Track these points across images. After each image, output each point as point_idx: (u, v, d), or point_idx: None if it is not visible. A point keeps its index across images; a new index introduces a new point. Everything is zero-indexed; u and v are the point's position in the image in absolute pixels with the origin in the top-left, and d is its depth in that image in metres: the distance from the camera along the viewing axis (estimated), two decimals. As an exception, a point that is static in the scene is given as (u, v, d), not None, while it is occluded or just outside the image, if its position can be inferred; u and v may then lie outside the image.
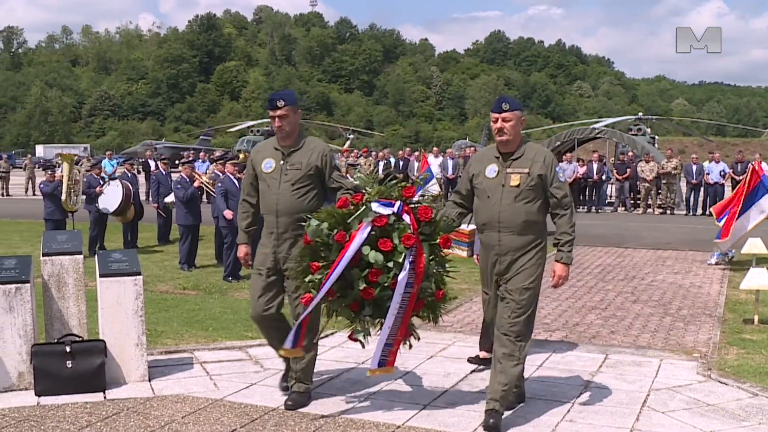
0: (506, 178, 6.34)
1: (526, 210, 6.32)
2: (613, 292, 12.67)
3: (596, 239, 19.99)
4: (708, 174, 28.15)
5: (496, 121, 6.37)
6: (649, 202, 29.39)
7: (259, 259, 6.94)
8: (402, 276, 5.89)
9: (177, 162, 32.25)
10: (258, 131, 57.45)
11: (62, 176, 17.00)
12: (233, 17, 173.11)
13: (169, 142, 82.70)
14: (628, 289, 12.88)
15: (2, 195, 39.84)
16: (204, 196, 17.93)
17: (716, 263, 15.42)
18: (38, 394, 7.17)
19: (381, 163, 32.47)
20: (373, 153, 38.13)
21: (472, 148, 27.72)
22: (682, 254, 17.33)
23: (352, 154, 37.98)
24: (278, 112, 6.76)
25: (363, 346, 6.37)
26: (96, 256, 8.09)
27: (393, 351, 6.23)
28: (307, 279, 6.15)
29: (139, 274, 7.52)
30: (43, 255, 7.87)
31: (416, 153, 35.06)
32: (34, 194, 38.01)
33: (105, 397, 7.14)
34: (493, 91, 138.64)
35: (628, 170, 29.88)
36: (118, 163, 36.51)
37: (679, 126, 70.49)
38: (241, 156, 26.37)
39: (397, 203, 6.10)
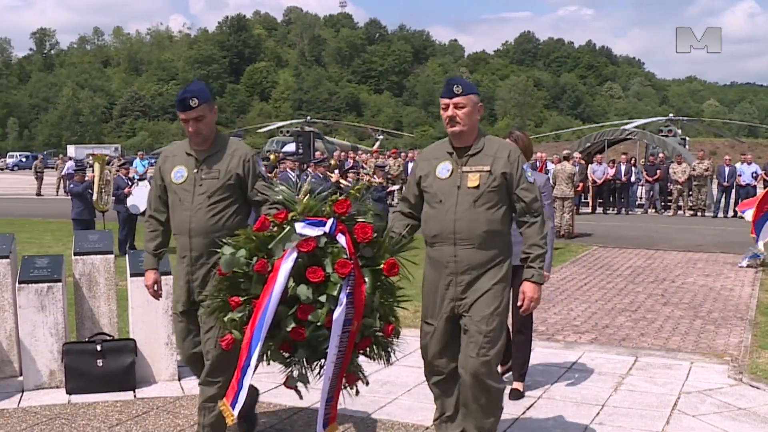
0: (462, 178, 5.21)
1: (487, 217, 5.17)
2: (643, 294, 12.59)
3: (626, 241, 19.91)
4: (740, 176, 27.90)
5: (447, 108, 5.22)
6: (680, 203, 29.19)
7: (174, 297, 5.89)
8: (338, 313, 4.61)
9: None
10: (287, 132, 57.58)
11: (93, 176, 17.14)
12: (263, 18, 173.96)
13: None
14: (659, 292, 12.79)
15: (36, 195, 40.18)
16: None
17: (748, 266, 15.30)
18: (69, 392, 7.22)
19: (410, 165, 32.45)
20: (402, 154, 38.12)
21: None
22: (713, 256, 17.20)
23: (382, 156, 37.97)
24: (193, 114, 5.49)
25: (300, 397, 5.12)
26: (127, 256, 8.14)
27: (334, 405, 4.99)
28: (226, 318, 4.88)
29: (168, 273, 7.56)
30: (75, 254, 7.93)
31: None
32: (66, 194, 38.29)
33: (135, 396, 7.18)
34: (522, 92, 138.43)
35: (659, 172, 29.70)
36: (149, 164, 36.70)
37: (710, 127, 69.89)
38: (272, 157, 26.43)
39: (329, 221, 4.80)
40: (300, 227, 4.73)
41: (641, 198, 31.68)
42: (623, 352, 8.80)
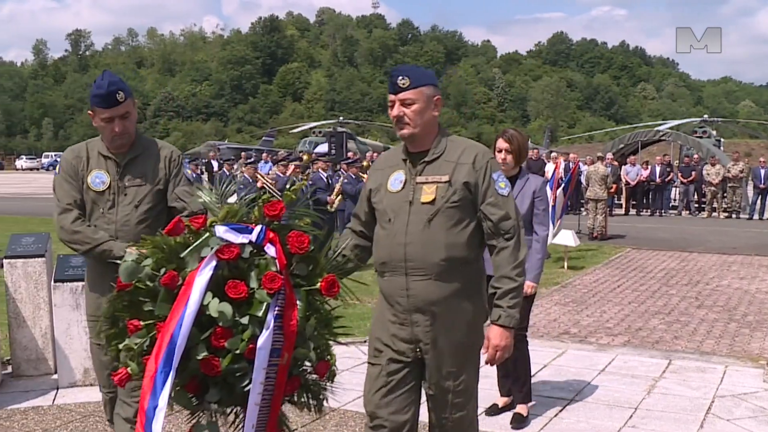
0: (416, 191, 4.11)
1: (447, 241, 4.04)
2: (677, 296, 12.51)
3: (660, 243, 19.79)
4: (776, 177, 27.70)
5: (393, 105, 4.21)
6: (714, 205, 28.95)
7: (95, 327, 4.72)
8: (263, 338, 3.53)
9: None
10: (320, 132, 57.70)
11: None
12: (296, 19, 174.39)
13: (232, 142, 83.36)
14: (693, 294, 12.70)
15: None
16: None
17: (783, 268, 15.18)
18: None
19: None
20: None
21: (536, 151, 27.51)
22: (748, 259, 17.06)
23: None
24: (121, 110, 4.67)
25: None
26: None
27: None
28: (121, 345, 3.75)
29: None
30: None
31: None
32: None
33: (168, 395, 7.20)
34: (555, 93, 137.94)
35: (693, 173, 29.49)
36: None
37: (745, 128, 69.35)
38: (305, 158, 26.51)
39: (257, 228, 3.75)
40: (221, 231, 3.72)
41: (675, 200, 31.47)
42: (657, 355, 8.75)
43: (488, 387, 6.73)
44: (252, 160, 23.49)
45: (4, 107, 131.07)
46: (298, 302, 3.64)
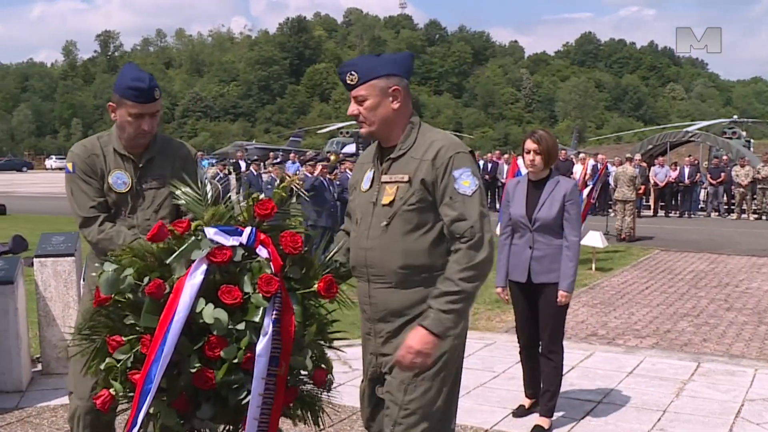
0: (380, 191, 3.81)
1: (405, 246, 3.70)
2: (706, 299, 12.43)
3: (689, 245, 19.68)
4: (807, 179, 27.47)
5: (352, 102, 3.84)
6: (744, 207, 28.74)
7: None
8: (262, 345, 3.33)
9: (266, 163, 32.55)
10: (347, 133, 57.76)
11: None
12: (323, 19, 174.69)
13: (260, 143, 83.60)
14: (722, 297, 12.61)
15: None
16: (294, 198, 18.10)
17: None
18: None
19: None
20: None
21: (563, 152, 27.46)
22: (778, 261, 16.94)
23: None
24: (155, 107, 4.38)
25: None
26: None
27: None
28: (103, 366, 3.44)
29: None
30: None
31: (506, 156, 34.84)
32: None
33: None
34: (583, 93, 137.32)
35: (722, 174, 29.27)
36: (209, 164, 37.06)
37: (776, 129, 68.84)
38: (332, 158, 26.56)
39: (247, 230, 3.54)
40: (211, 233, 3.48)
41: (704, 201, 31.27)
42: (685, 358, 8.69)
43: (515, 389, 6.71)
44: (279, 160, 23.58)
45: (35, 108, 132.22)
46: (294, 306, 3.47)
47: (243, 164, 31.91)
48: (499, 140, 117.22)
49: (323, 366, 3.68)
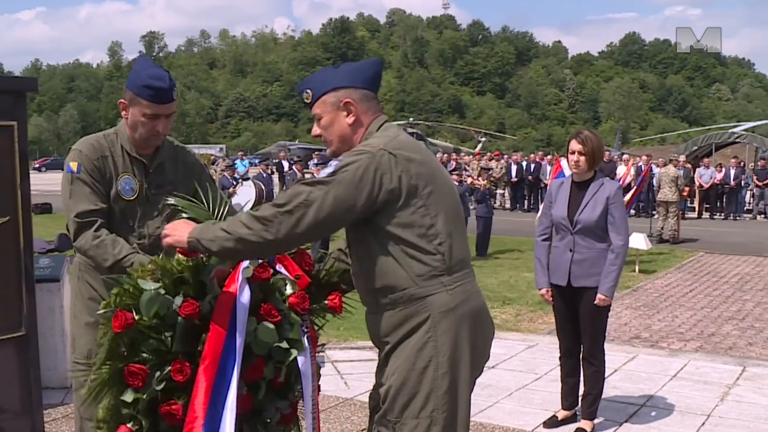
0: None
1: (367, 268, 3.35)
2: (751, 302, 12.28)
3: (734, 247, 19.46)
4: None
5: None
6: (791, 209, 28.39)
7: (85, 347, 3.99)
8: (303, 362, 3.26)
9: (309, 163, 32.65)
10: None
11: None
12: (366, 20, 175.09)
13: (303, 143, 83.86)
14: (768, 300, 12.49)
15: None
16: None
17: None
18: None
19: (513, 167, 32.25)
20: (505, 156, 37.91)
21: (607, 153, 27.33)
22: (825, 264, 16.71)
23: (485, 158, 37.83)
24: (171, 109, 4.02)
25: None
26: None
27: None
28: (128, 398, 3.08)
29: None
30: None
31: (548, 157, 34.70)
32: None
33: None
34: (627, 94, 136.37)
35: (770, 176, 28.95)
36: (250, 164, 37.25)
37: (824, 131, 67.88)
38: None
39: None
40: None
41: (749, 203, 30.90)
42: (730, 362, 8.59)
43: (558, 391, 6.67)
44: (322, 161, 23.63)
45: (81, 108, 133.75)
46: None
47: (286, 164, 32.07)
48: (542, 141, 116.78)
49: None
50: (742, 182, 29.48)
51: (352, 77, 3.50)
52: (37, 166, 76.83)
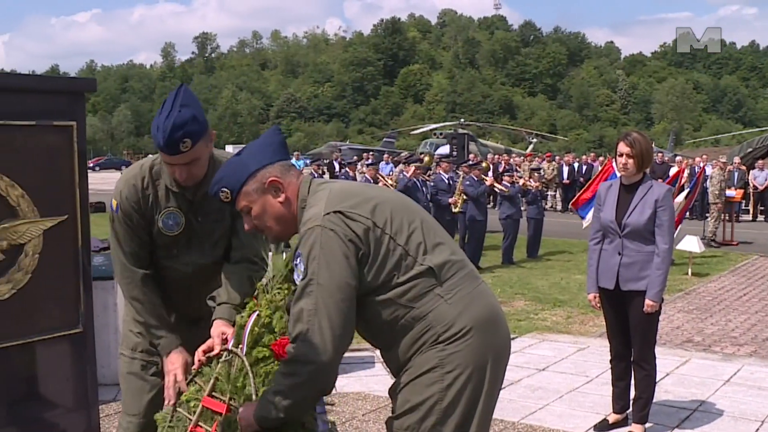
0: None
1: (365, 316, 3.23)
2: (807, 306, 12.12)
3: (789, 251, 19.21)
4: None
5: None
6: None
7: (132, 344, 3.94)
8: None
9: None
10: (441, 134, 57.70)
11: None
12: (417, 21, 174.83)
13: (354, 143, 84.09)
14: (824, 304, 12.30)
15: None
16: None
17: None
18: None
19: (564, 168, 32.10)
20: (557, 157, 37.72)
21: (660, 154, 27.11)
22: None
23: (536, 159, 37.67)
24: (185, 159, 3.61)
25: None
26: (284, 254, 8.32)
27: None
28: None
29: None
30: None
31: (600, 158, 34.45)
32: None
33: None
34: (680, 95, 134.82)
35: (826, 179, 28.49)
36: (305, 164, 37.43)
37: None
38: (426, 159, 26.56)
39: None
40: None
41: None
42: (785, 367, 8.49)
43: (609, 394, 6.62)
44: (373, 161, 23.68)
45: (134, 108, 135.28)
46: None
47: (337, 165, 32.20)
48: (593, 142, 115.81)
49: None
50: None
51: (261, 155, 3.27)
52: (92, 165, 77.82)
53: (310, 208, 3.12)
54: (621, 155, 5.98)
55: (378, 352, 3.50)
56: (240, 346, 3.28)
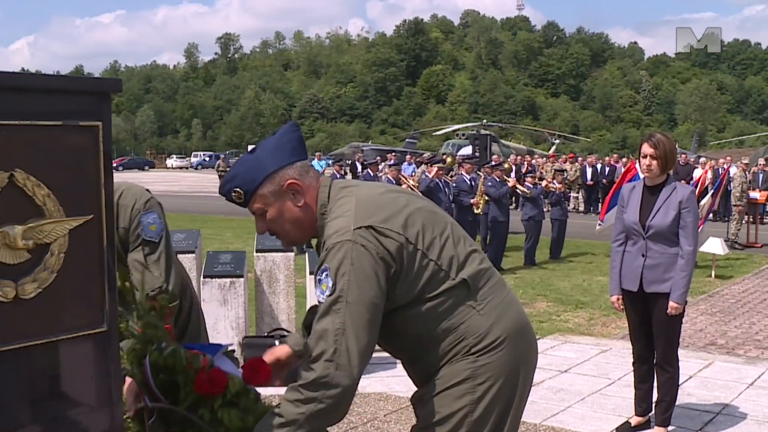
0: None
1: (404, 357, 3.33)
2: (832, 309, 12.03)
3: (814, 253, 19.06)
4: None
5: None
6: None
7: None
8: None
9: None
10: (463, 135, 57.67)
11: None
12: (440, 21, 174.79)
13: (376, 144, 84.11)
14: None
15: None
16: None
17: None
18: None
19: (587, 170, 32.02)
20: (579, 159, 37.61)
21: (684, 155, 26.99)
22: None
23: (559, 160, 37.57)
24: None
25: None
26: (306, 254, 8.36)
27: None
28: None
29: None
30: (257, 251, 8.20)
31: (623, 159, 34.33)
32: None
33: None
34: (704, 96, 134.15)
35: None
36: (327, 164, 37.48)
37: None
38: (448, 160, 26.56)
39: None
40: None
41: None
42: (809, 370, 8.43)
43: (631, 396, 6.60)
44: (395, 162, 23.68)
45: (157, 108, 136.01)
46: None
47: (359, 165, 32.23)
48: (616, 143, 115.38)
49: None
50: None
51: (280, 156, 3.07)
52: (115, 165, 78.14)
53: (336, 218, 2.96)
54: (645, 156, 5.94)
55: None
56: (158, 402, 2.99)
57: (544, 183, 17.62)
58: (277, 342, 4.09)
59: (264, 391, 3.25)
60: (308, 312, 3.13)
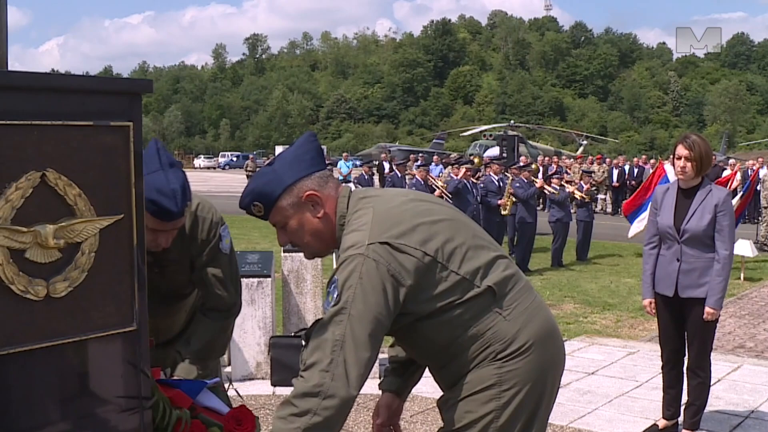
0: None
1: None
2: None
3: None
4: None
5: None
6: None
7: None
8: None
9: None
10: (490, 135, 57.57)
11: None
12: (467, 22, 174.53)
13: (403, 145, 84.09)
14: None
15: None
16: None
17: None
18: (274, 384, 7.51)
19: (615, 171, 31.90)
20: (608, 160, 37.45)
21: (713, 157, 26.92)
22: None
23: (587, 161, 37.44)
24: (179, 224, 3.65)
25: None
26: (334, 254, 8.37)
27: None
28: None
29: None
30: (284, 251, 8.23)
31: (652, 161, 34.16)
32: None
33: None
34: (734, 97, 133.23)
35: None
36: (354, 165, 37.56)
37: None
38: (476, 161, 26.53)
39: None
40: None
41: None
42: (839, 373, 8.36)
43: (659, 399, 6.57)
44: (422, 162, 23.69)
45: (185, 108, 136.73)
46: None
47: (387, 166, 32.27)
48: (644, 144, 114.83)
49: None
50: None
51: (298, 167, 3.04)
52: (143, 165, 78.71)
53: (353, 232, 2.91)
54: (679, 158, 5.82)
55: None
56: None
57: (569, 189, 17.53)
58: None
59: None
60: (312, 325, 2.97)
